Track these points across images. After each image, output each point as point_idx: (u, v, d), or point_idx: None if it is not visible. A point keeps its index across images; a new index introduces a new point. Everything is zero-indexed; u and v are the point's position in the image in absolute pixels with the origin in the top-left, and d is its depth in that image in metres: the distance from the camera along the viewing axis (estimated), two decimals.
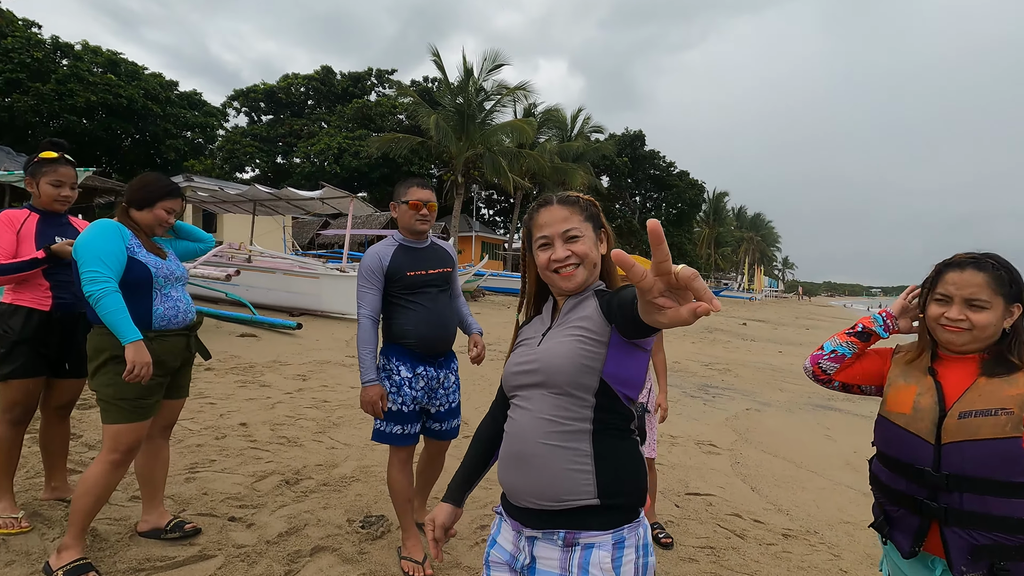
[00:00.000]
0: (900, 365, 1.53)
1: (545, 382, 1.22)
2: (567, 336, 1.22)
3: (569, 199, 1.31)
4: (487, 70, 22.18)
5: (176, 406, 2.48)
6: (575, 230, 1.27)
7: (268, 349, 7.50)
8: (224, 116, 35.80)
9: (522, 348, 1.33)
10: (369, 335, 2.41)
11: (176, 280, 2.34)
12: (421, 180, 2.55)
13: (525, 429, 1.23)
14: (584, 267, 1.26)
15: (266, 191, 12.01)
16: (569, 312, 1.28)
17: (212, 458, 3.43)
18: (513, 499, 1.24)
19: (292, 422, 4.39)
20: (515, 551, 1.25)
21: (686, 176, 48.96)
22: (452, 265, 2.64)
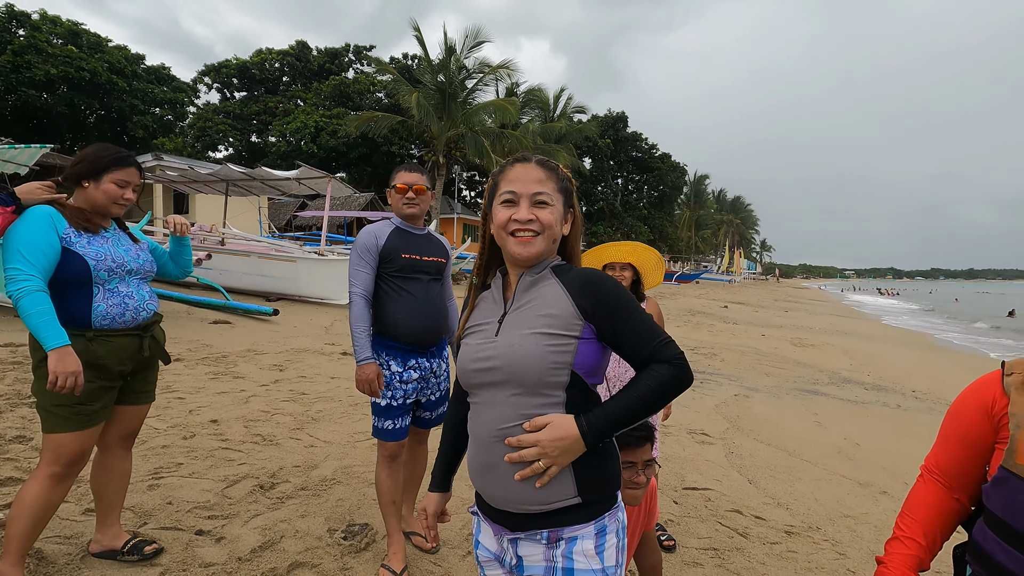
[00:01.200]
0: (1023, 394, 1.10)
1: (508, 381, 1.13)
2: (530, 331, 1.12)
3: (549, 164, 1.21)
4: (469, 47, 21.61)
5: (136, 413, 2.20)
6: (546, 196, 1.16)
7: (243, 337, 7.17)
8: (195, 92, 34.47)
9: (476, 336, 1.21)
10: (362, 312, 2.31)
11: (129, 273, 2.05)
12: (410, 164, 2.43)
13: (489, 435, 1.15)
14: (543, 238, 1.16)
15: (240, 171, 11.49)
16: (526, 294, 1.19)
17: (179, 461, 3.17)
18: (490, 503, 1.19)
19: (267, 418, 4.13)
20: (499, 551, 1.22)
21: (668, 158, 48.88)
22: (447, 257, 2.53)
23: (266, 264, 10.83)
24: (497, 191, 1.20)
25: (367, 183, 35.38)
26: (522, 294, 1.20)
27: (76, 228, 1.95)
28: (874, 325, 23.42)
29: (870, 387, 8.61)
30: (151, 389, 2.23)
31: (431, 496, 1.36)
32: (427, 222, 22.26)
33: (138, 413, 2.22)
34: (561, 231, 1.22)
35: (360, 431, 4.03)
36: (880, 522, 3.42)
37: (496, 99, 24.78)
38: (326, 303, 10.85)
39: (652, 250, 2.82)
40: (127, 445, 2.24)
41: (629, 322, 1.11)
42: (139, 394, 2.18)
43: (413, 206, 2.39)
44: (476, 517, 1.29)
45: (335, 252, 12.90)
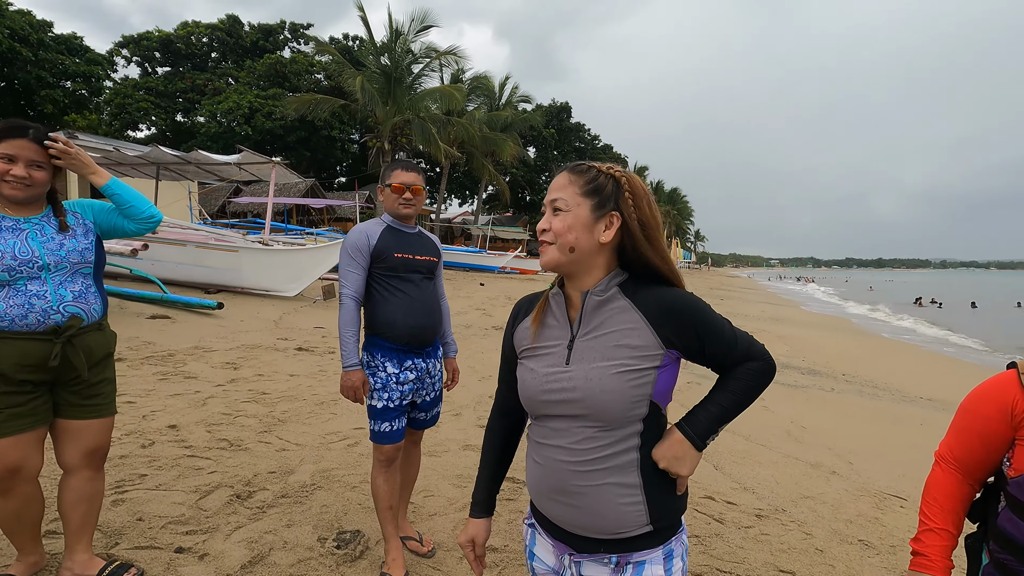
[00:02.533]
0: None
1: (588, 416, 1.09)
2: (610, 364, 1.07)
3: (578, 167, 1.15)
4: (415, 31, 21.06)
5: (86, 429, 1.97)
6: (561, 202, 1.11)
7: (186, 333, 6.74)
8: (111, 65, 31.75)
9: (542, 361, 1.15)
10: (352, 316, 2.25)
11: (43, 269, 1.82)
12: (407, 162, 2.35)
13: (564, 465, 1.11)
14: (556, 248, 1.11)
15: (173, 154, 10.71)
16: (594, 317, 1.12)
17: (142, 472, 2.94)
18: (556, 523, 1.16)
19: (230, 420, 3.91)
20: (558, 566, 1.20)
21: (610, 150, 49.91)
22: (439, 256, 2.48)
23: (205, 254, 10.19)
24: None
25: (305, 168, 33.98)
26: (590, 317, 1.12)
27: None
28: (800, 311, 25.03)
29: (806, 371, 9.22)
30: (98, 402, 1.98)
31: (478, 524, 1.29)
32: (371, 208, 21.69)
33: (89, 429, 1.98)
34: (591, 237, 1.10)
35: (331, 431, 3.90)
36: (835, 501, 3.67)
37: (443, 85, 24.34)
38: (271, 295, 10.37)
39: None
40: (90, 464, 2.01)
41: (714, 336, 1.10)
42: (80, 407, 1.94)
43: (409, 206, 2.32)
44: (532, 529, 1.26)
45: (279, 242, 12.33)
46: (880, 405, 7.23)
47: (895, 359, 12.24)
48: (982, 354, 14.58)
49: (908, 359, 12.48)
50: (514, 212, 45.89)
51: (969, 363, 12.56)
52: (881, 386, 8.61)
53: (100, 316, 1.98)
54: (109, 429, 2.05)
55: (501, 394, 1.32)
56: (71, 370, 1.89)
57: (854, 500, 3.73)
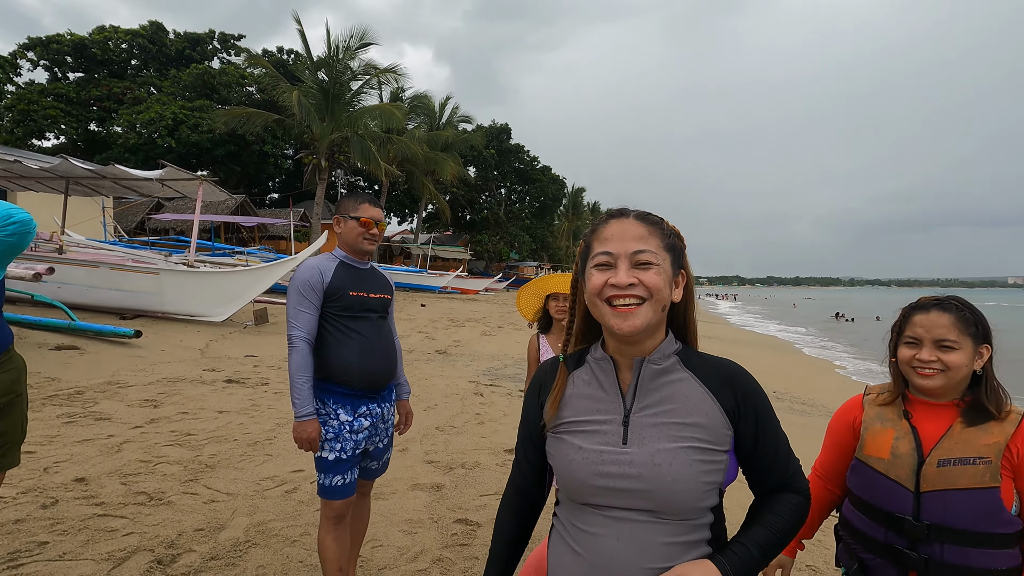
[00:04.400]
0: (874, 408, 1.49)
1: (654, 509, 0.94)
2: (679, 446, 0.95)
3: (651, 217, 1.02)
4: (355, 48, 20.72)
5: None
6: (650, 255, 0.97)
7: (98, 366, 6.12)
8: (15, 68, 29.21)
9: (591, 438, 1.00)
10: (306, 360, 2.07)
11: None
12: (372, 197, 2.25)
13: (624, 565, 0.94)
14: (650, 306, 0.96)
15: (86, 167, 9.83)
16: (654, 390, 1.00)
17: (41, 539, 2.56)
18: None
19: (149, 469, 3.52)
20: None
21: (549, 171, 50.84)
22: (391, 293, 2.37)
23: (120, 276, 9.39)
24: (591, 253, 1.02)
25: (235, 184, 32.42)
26: (649, 390, 1.01)
27: None
28: (728, 329, 26.27)
29: None
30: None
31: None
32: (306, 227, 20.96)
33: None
34: (671, 296, 1.01)
35: (267, 476, 3.59)
36: None
37: (382, 103, 24.04)
38: (197, 320, 9.67)
39: None
40: None
41: (772, 436, 1.01)
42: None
43: (372, 243, 2.23)
44: None
45: (206, 263, 11.59)
46: (809, 421, 7.58)
47: (820, 376, 13.00)
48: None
49: (830, 376, 13.28)
50: (454, 231, 45.73)
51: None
52: (809, 403, 9.07)
53: None
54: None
55: (520, 472, 1.16)
56: None
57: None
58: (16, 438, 1.82)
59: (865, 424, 1.48)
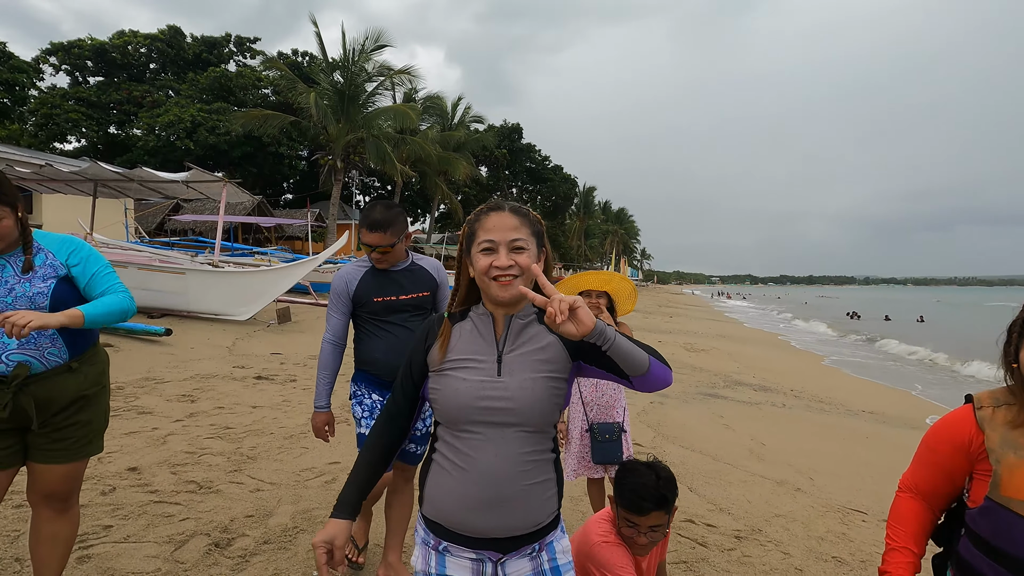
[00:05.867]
0: (998, 429, 1.23)
1: (520, 423, 1.24)
2: (538, 375, 1.26)
3: (520, 210, 1.31)
4: (370, 50, 20.94)
5: (45, 473, 1.88)
6: (522, 241, 1.26)
7: (134, 363, 6.34)
8: (38, 73, 29.84)
9: (472, 372, 1.27)
10: (327, 359, 2.37)
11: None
12: (375, 220, 2.25)
13: (500, 472, 1.23)
14: (523, 280, 1.25)
15: (114, 170, 10.10)
16: (520, 336, 1.30)
17: (105, 523, 2.73)
18: (481, 535, 1.24)
19: (195, 460, 3.69)
20: (476, 574, 1.28)
21: (560, 171, 50.89)
22: (432, 287, 2.46)
23: (148, 276, 9.64)
24: (475, 239, 1.29)
25: (251, 185, 32.85)
26: (515, 336, 1.30)
27: None
28: (743, 328, 26.16)
29: (758, 388, 9.61)
30: (59, 448, 1.88)
31: (341, 525, 1.24)
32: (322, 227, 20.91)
33: (48, 473, 1.88)
34: None
35: (306, 467, 3.75)
36: (804, 518, 3.84)
37: (396, 104, 24.26)
38: (221, 319, 9.90)
39: (628, 280, 2.95)
40: (52, 506, 1.93)
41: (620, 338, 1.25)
42: (41, 451, 1.86)
43: (382, 262, 2.33)
44: (441, 553, 1.29)
45: (231, 263, 11.84)
46: (828, 420, 7.62)
47: (835, 374, 12.97)
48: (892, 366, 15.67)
49: (841, 374, 13.24)
50: None
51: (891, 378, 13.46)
52: (826, 400, 9.09)
53: (64, 359, 1.86)
54: (69, 475, 1.94)
55: (395, 402, 1.36)
56: (28, 417, 1.80)
57: (821, 516, 3.90)
58: (101, 426, 1.97)
59: (994, 453, 1.21)
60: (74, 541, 2.01)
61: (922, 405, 9.64)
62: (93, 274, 1.91)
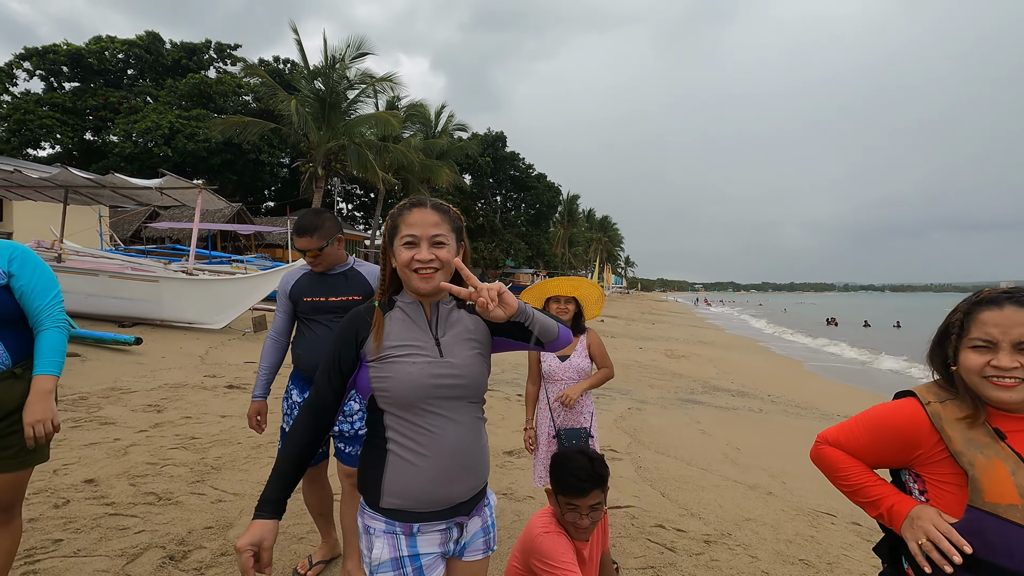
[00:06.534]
0: (956, 428, 1.18)
1: (468, 395, 1.39)
2: (472, 351, 1.41)
3: (441, 207, 1.39)
4: (351, 57, 20.89)
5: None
6: (442, 236, 1.35)
7: (100, 372, 6.18)
8: (11, 78, 29.26)
9: (418, 356, 1.35)
10: (265, 352, 2.56)
11: None
12: (300, 225, 2.40)
13: (464, 441, 1.38)
14: (443, 272, 1.35)
15: (85, 176, 9.90)
16: (448, 320, 1.43)
17: (55, 536, 2.64)
18: (446, 505, 1.36)
19: (157, 471, 3.59)
20: (443, 543, 1.39)
21: (544, 179, 51.13)
22: (366, 292, 2.48)
23: (119, 284, 9.44)
24: (398, 232, 1.36)
25: (231, 192, 32.49)
26: (444, 321, 1.42)
27: None
28: (724, 335, 26.41)
29: (736, 394, 9.69)
30: (4, 456, 1.83)
31: (268, 526, 1.22)
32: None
33: None
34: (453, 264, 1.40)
35: None
36: (774, 522, 3.85)
37: (378, 111, 24.19)
38: (196, 328, 9.73)
39: (596, 286, 2.97)
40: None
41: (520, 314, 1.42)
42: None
43: (316, 265, 2.44)
44: (412, 536, 1.35)
45: (205, 271, 11.65)
46: (804, 424, 7.70)
47: (813, 379, 13.14)
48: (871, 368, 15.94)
49: (820, 379, 13.42)
50: None
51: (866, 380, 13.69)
52: (802, 405, 9.19)
53: (6, 365, 1.82)
54: (11, 484, 1.88)
55: (320, 396, 1.37)
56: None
57: (791, 520, 3.93)
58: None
59: (963, 456, 1.15)
60: (14, 555, 1.94)
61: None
62: (33, 286, 1.87)
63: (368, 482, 1.36)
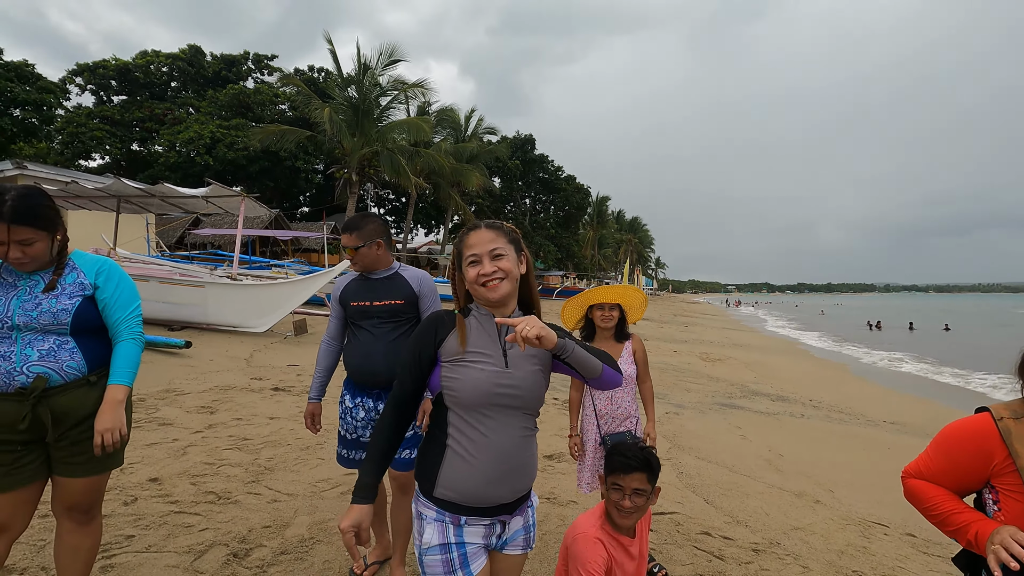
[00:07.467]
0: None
1: (523, 407, 1.49)
2: (535, 367, 1.51)
3: (494, 224, 1.53)
4: (384, 65, 21.28)
5: (68, 486, 1.93)
6: (500, 249, 1.49)
7: (154, 375, 6.46)
8: (64, 93, 30.75)
9: (485, 364, 1.46)
10: (320, 355, 2.65)
11: (12, 329, 1.80)
12: (345, 223, 2.52)
13: (513, 448, 1.47)
14: (508, 281, 1.48)
15: (136, 186, 10.37)
16: None
17: (128, 533, 2.79)
18: (496, 503, 1.47)
19: (214, 471, 3.75)
20: (487, 537, 1.50)
21: (573, 180, 50.93)
22: (409, 297, 2.52)
23: (168, 290, 9.84)
24: (463, 257, 1.51)
25: (268, 198, 33.41)
26: None
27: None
28: (760, 337, 25.82)
29: (775, 398, 9.48)
30: (79, 461, 1.92)
31: (364, 510, 1.40)
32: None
33: (70, 486, 1.93)
34: (519, 271, 1.54)
35: (322, 479, 3.78)
36: (824, 531, 3.77)
37: (410, 117, 24.57)
38: (239, 331, 10.06)
39: (639, 291, 2.99)
40: (74, 519, 1.97)
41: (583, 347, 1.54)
42: (63, 464, 1.90)
43: (355, 265, 2.52)
44: (460, 527, 1.47)
45: (248, 276, 12.02)
46: (848, 430, 7.49)
47: (855, 383, 12.73)
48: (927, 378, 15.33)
49: (864, 384, 12.99)
50: None
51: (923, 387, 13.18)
52: (846, 410, 8.93)
53: (83, 372, 1.91)
54: (90, 488, 1.98)
55: (404, 388, 1.51)
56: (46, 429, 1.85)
57: (841, 530, 3.83)
58: (123, 440, 2.02)
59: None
60: (96, 552, 2.06)
61: (947, 414, 9.42)
62: (116, 299, 1.97)
63: (425, 471, 1.49)
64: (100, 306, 1.97)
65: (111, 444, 1.87)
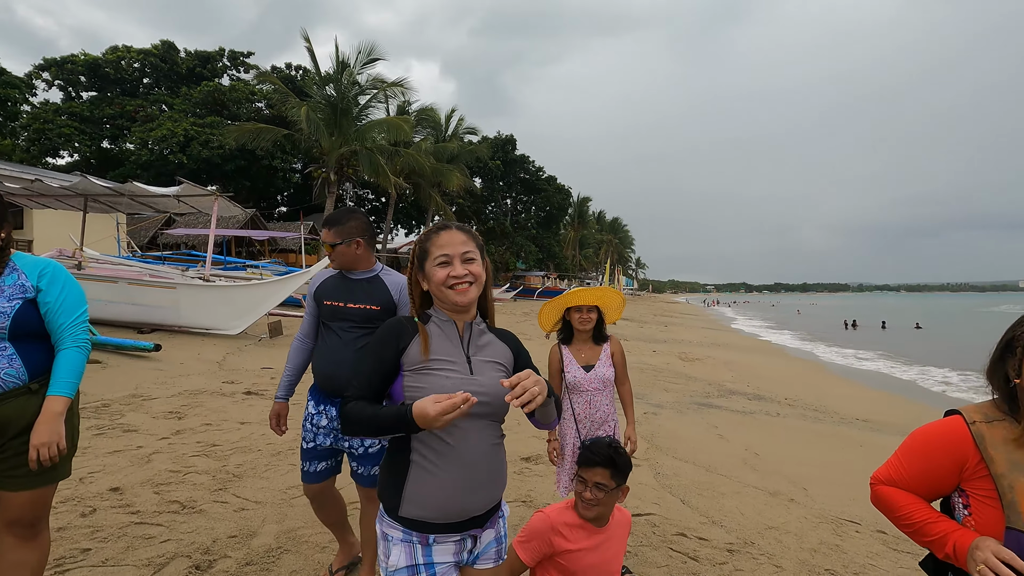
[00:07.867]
0: (1001, 450, 1.17)
1: (490, 414, 1.45)
2: (498, 373, 1.48)
3: (465, 228, 1.50)
4: (362, 63, 21.05)
5: (10, 499, 1.82)
6: (471, 253, 1.46)
7: (121, 379, 6.26)
8: (31, 89, 29.85)
9: (450, 372, 1.42)
10: (290, 354, 2.53)
11: None
12: (327, 217, 2.42)
13: (481, 457, 1.43)
14: (477, 286, 1.46)
15: (104, 185, 10.06)
16: (479, 341, 1.51)
17: (83, 546, 2.67)
18: (466, 516, 1.42)
19: (179, 479, 3.63)
20: (457, 553, 1.45)
21: (554, 181, 51.08)
22: (386, 303, 2.35)
23: (138, 291, 9.58)
24: (428, 255, 1.46)
25: (245, 198, 32.85)
26: (476, 341, 1.51)
27: None
28: (738, 336, 26.19)
29: (752, 397, 9.59)
30: (18, 474, 1.81)
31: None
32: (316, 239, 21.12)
33: (12, 500, 1.82)
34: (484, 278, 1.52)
35: (293, 485, 3.68)
36: (797, 530, 3.80)
37: (389, 116, 24.35)
38: (212, 334, 9.83)
39: (618, 293, 2.98)
40: (16, 534, 1.86)
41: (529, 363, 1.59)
42: (5, 477, 1.80)
43: (333, 261, 2.41)
44: (428, 546, 1.41)
45: (221, 277, 11.76)
46: (822, 428, 7.60)
47: (829, 381, 12.97)
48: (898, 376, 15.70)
49: (838, 381, 13.24)
50: None
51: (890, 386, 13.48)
52: (820, 408, 9.07)
53: (23, 380, 1.81)
54: (34, 501, 1.87)
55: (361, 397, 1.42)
56: None
57: (814, 528, 3.87)
58: (68, 449, 1.92)
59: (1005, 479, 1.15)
60: (43, 568, 1.95)
61: (917, 411, 9.63)
62: (60, 304, 1.87)
63: (389, 489, 1.42)
64: (43, 310, 1.87)
65: (47, 459, 1.76)
